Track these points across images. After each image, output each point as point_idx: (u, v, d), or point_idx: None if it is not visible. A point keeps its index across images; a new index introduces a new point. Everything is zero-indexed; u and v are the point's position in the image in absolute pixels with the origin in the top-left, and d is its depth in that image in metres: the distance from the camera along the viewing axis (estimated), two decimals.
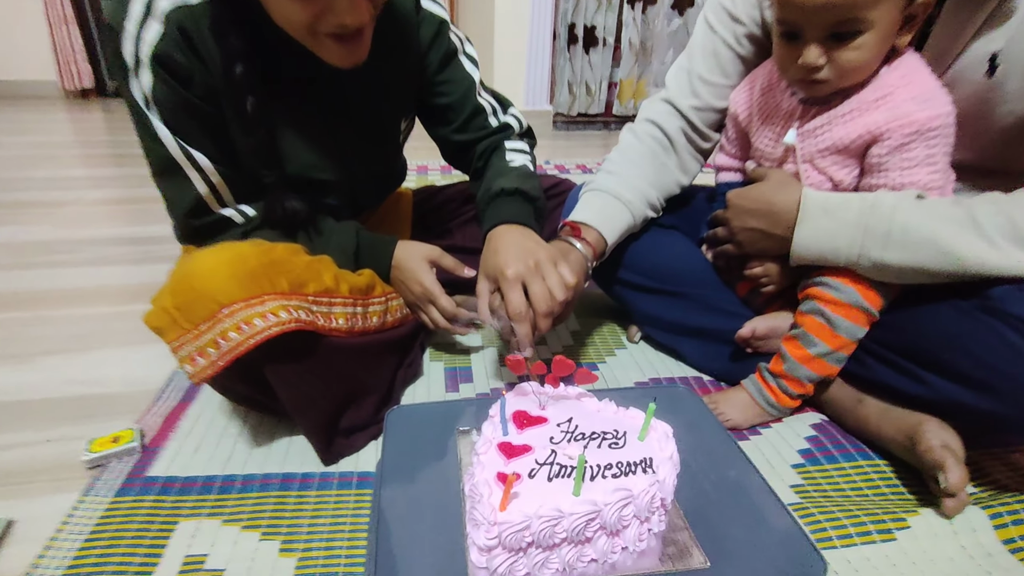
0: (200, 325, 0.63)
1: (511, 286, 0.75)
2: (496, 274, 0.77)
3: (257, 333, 0.63)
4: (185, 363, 0.63)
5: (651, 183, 0.92)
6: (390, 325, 0.87)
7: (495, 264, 0.78)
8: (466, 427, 0.68)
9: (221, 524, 0.65)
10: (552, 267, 0.77)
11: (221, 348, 0.63)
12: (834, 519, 0.67)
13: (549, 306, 0.75)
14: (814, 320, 0.78)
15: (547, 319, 0.76)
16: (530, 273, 0.75)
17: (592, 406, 0.63)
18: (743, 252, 0.85)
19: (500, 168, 0.94)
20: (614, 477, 0.53)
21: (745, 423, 0.82)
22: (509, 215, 0.85)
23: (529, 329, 0.75)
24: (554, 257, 0.78)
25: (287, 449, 0.77)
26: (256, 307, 0.64)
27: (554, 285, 0.76)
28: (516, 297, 0.75)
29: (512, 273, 0.75)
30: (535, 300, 0.75)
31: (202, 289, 0.63)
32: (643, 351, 1.03)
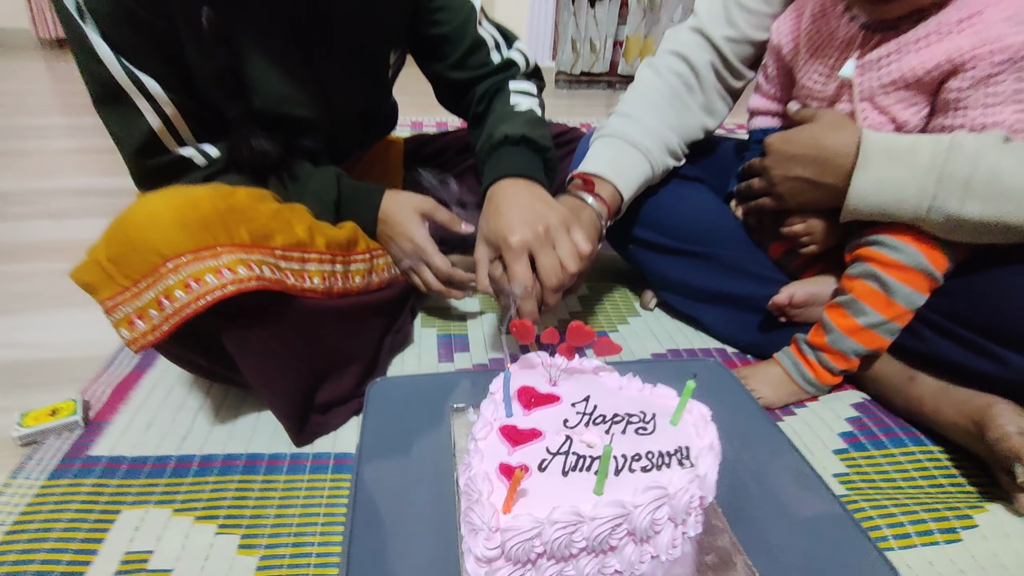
0: (139, 282, 0.52)
1: (516, 256, 0.64)
2: (498, 241, 0.65)
3: (208, 292, 0.52)
4: (121, 327, 0.52)
5: (672, 127, 0.80)
6: (376, 286, 0.76)
7: (497, 228, 0.66)
8: (461, 404, 0.58)
9: (171, 514, 0.55)
10: (565, 234, 0.66)
11: (165, 310, 0.51)
12: (888, 515, 0.57)
13: (560, 280, 0.64)
14: (866, 285, 0.67)
15: (556, 294, 0.65)
16: (539, 241, 0.64)
17: (613, 382, 0.53)
18: (782, 206, 0.74)
19: (504, 113, 0.81)
20: (644, 471, 0.43)
21: (778, 401, 0.73)
22: (514, 167, 0.73)
23: (535, 306, 0.65)
24: (566, 220, 0.66)
25: (254, 425, 0.67)
26: (208, 261, 0.53)
27: (566, 255, 0.64)
28: (521, 269, 0.64)
29: (518, 241, 0.64)
30: (544, 273, 0.64)
31: (140, 238, 0.52)
32: (659, 319, 0.92)
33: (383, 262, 0.79)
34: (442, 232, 0.81)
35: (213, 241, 0.54)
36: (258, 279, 0.54)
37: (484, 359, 0.80)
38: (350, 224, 0.75)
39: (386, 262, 0.79)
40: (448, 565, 0.42)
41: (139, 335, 0.52)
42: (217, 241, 0.54)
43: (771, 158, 0.72)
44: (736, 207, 0.84)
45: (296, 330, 0.61)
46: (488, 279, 0.68)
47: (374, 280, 0.75)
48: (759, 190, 0.75)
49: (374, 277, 0.75)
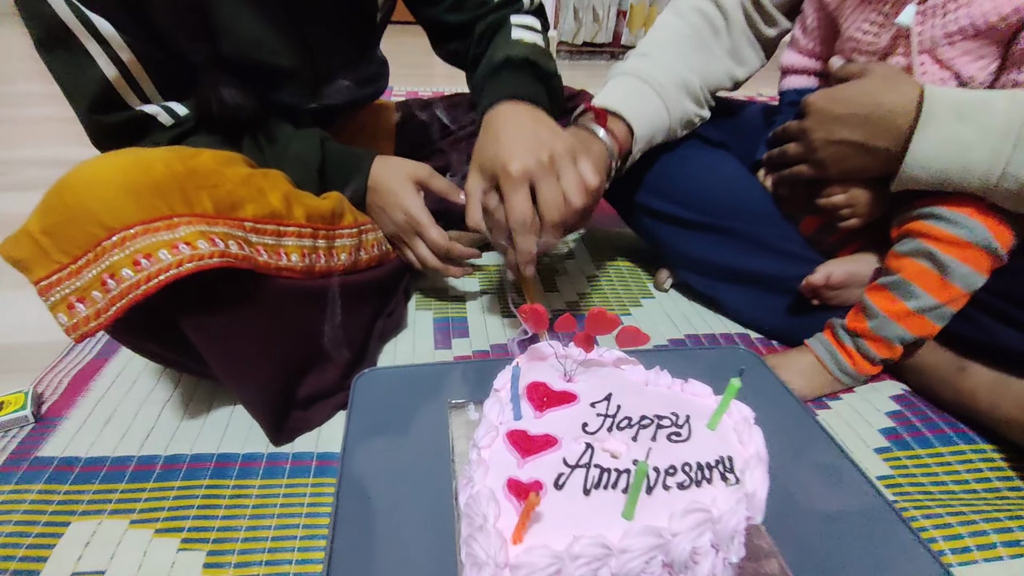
0: (79, 258, 0.44)
1: (515, 186, 0.56)
2: (496, 168, 0.57)
3: (162, 270, 0.44)
4: (58, 311, 0.44)
5: (693, 69, 0.71)
6: (364, 264, 0.68)
7: (495, 154, 0.57)
8: (460, 399, 0.51)
9: (128, 526, 0.48)
10: (571, 163, 0.58)
11: (110, 291, 0.43)
12: (944, 525, 0.51)
13: (563, 215, 0.56)
14: (917, 264, 0.59)
15: (558, 231, 0.57)
16: (541, 170, 0.56)
17: (637, 376, 0.45)
18: (821, 175, 0.66)
19: (505, 42, 0.73)
20: (681, 488, 0.35)
21: (810, 394, 0.65)
22: (516, 90, 0.65)
23: (533, 243, 0.57)
24: (573, 149, 0.58)
25: (227, 421, 0.59)
26: (162, 233, 0.45)
27: (571, 187, 0.57)
28: (520, 201, 0.56)
29: (518, 169, 0.56)
30: (545, 207, 0.56)
31: (80, 206, 0.44)
32: (675, 301, 0.85)
33: (373, 237, 0.70)
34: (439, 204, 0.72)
35: (168, 210, 0.46)
36: (222, 255, 0.46)
37: (485, 345, 0.73)
38: (335, 194, 0.66)
39: (376, 237, 0.71)
40: None
41: (79, 321, 0.44)
42: (173, 210, 0.46)
43: (812, 119, 0.63)
44: (765, 177, 0.76)
45: (271, 315, 0.53)
46: (481, 214, 0.61)
47: (362, 257, 0.67)
48: (795, 156, 0.67)
49: (362, 254, 0.67)
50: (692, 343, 0.75)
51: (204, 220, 0.47)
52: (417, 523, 0.41)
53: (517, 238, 0.57)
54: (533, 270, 0.60)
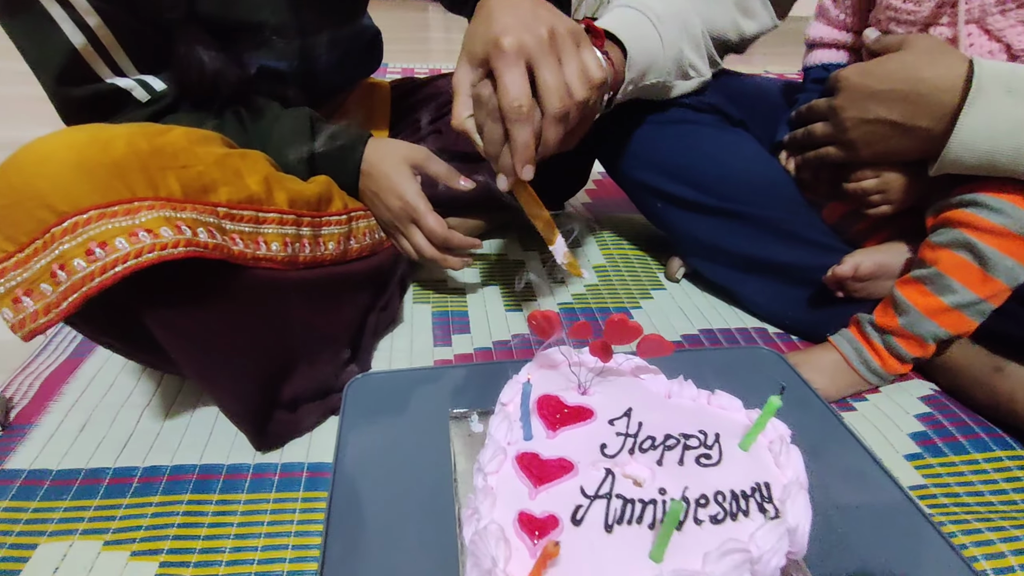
0: (25, 246, 0.39)
1: (509, 63, 0.48)
2: (488, 47, 0.49)
3: (119, 261, 0.39)
4: (3, 305, 0.40)
5: (695, 7, 0.66)
6: (355, 254, 0.63)
7: (486, 32, 0.49)
8: (462, 409, 0.47)
9: (102, 547, 0.44)
10: (574, 47, 0.50)
11: (60, 283, 0.39)
12: (985, 542, 0.47)
13: (564, 103, 0.49)
14: (956, 256, 0.55)
15: (559, 125, 0.50)
16: (540, 48, 0.48)
17: (659, 387, 0.41)
18: (851, 157, 0.61)
19: None
20: (715, 522, 0.31)
21: (835, 394, 0.61)
22: None
23: (531, 135, 0.49)
24: (577, 32, 0.51)
25: (211, 426, 0.55)
26: (120, 219, 0.40)
27: (574, 73, 0.49)
28: (515, 79, 0.48)
29: (512, 43, 0.47)
30: (545, 91, 0.48)
31: (26, 188, 0.39)
32: (688, 293, 0.80)
33: (364, 225, 0.66)
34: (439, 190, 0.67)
35: (128, 193, 0.41)
36: (188, 244, 0.42)
37: (488, 342, 0.68)
38: (322, 177, 0.61)
39: (368, 225, 0.66)
40: None
41: (27, 316, 0.39)
42: (134, 193, 0.41)
43: (844, 96, 0.58)
44: (787, 159, 0.70)
45: (248, 310, 0.49)
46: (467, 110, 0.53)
47: (352, 247, 0.63)
48: (822, 137, 0.62)
49: (352, 243, 0.63)
50: (706, 339, 0.71)
51: (170, 205, 0.43)
52: (416, 553, 0.37)
53: (512, 127, 0.48)
54: (532, 172, 0.51)
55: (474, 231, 0.87)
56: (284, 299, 0.52)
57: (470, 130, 0.54)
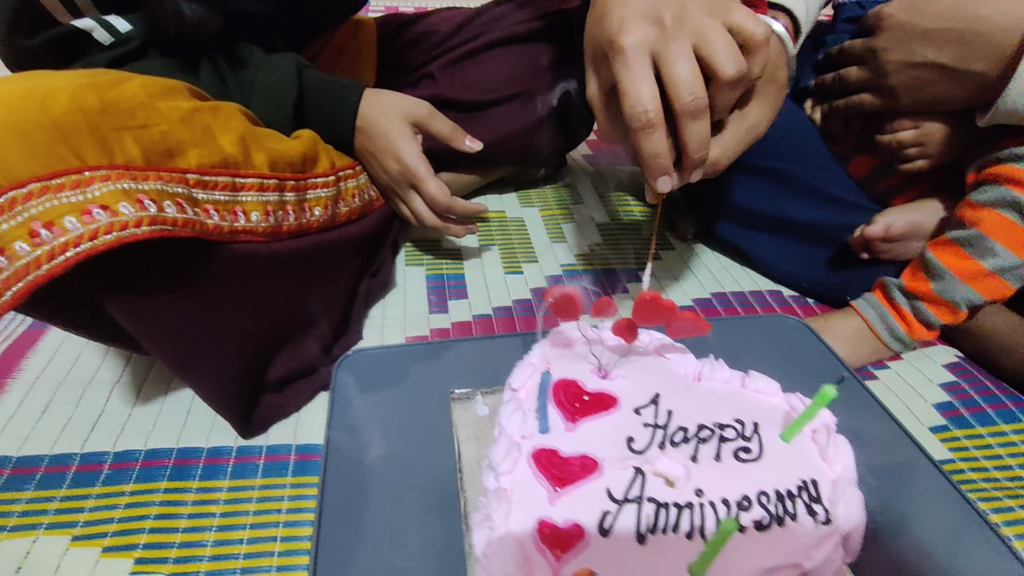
0: None
1: (627, 64, 0.37)
2: (606, 49, 0.38)
3: (70, 245, 0.33)
4: None
5: None
6: (344, 218, 0.57)
7: (604, 33, 0.38)
8: (465, 389, 0.42)
9: (69, 543, 0.40)
10: (708, 15, 0.37)
11: (1, 271, 0.33)
12: (1016, 521, 0.45)
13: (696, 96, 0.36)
14: (1000, 216, 0.50)
15: (695, 122, 0.37)
16: (662, 35, 0.37)
17: (687, 368, 0.37)
18: (889, 106, 0.55)
19: None
20: (760, 529, 0.28)
21: (856, 362, 0.58)
22: None
23: (659, 144, 0.38)
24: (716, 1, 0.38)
25: (188, 406, 0.51)
26: (67, 193, 0.34)
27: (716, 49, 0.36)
28: (634, 83, 0.37)
29: (631, 41, 0.37)
30: (672, 86, 0.37)
31: None
32: (700, 254, 0.75)
33: (354, 185, 0.59)
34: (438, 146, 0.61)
35: (77, 161, 0.35)
36: (154, 222, 0.36)
37: (487, 308, 0.64)
38: (307, 133, 0.55)
39: (357, 184, 0.60)
40: None
41: None
42: (84, 161, 0.35)
43: (886, 36, 0.52)
44: (812, 108, 0.64)
45: (225, 290, 0.43)
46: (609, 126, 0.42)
47: (341, 210, 0.57)
48: (857, 83, 0.56)
49: (341, 206, 0.57)
50: (719, 303, 0.66)
51: (128, 174, 0.36)
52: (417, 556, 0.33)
53: (637, 138, 0.39)
54: (669, 185, 0.41)
55: (468, 187, 0.81)
56: (266, 274, 0.47)
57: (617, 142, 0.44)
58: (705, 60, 0.37)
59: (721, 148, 0.43)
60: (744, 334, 0.50)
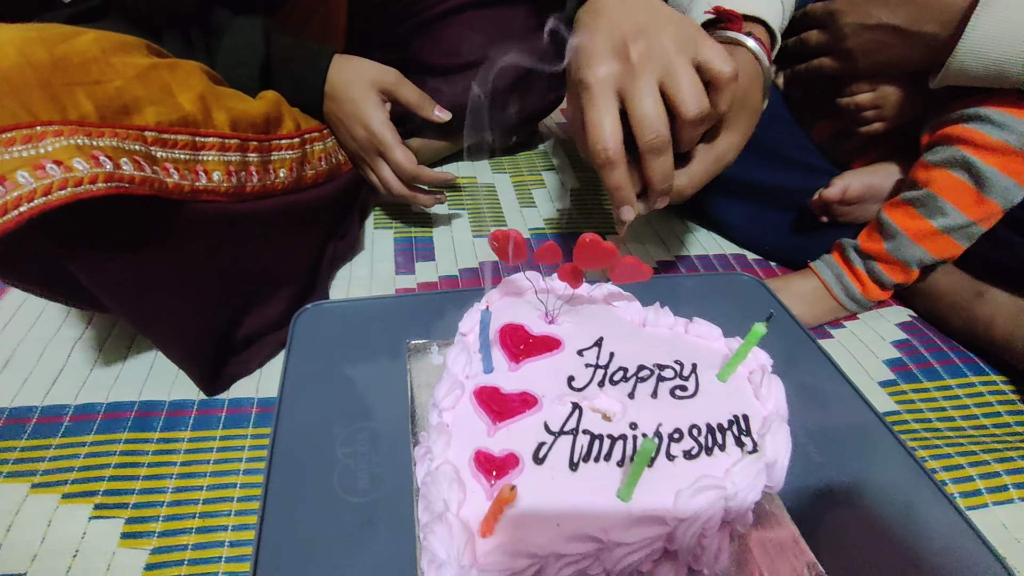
0: None
1: (592, 100, 0.40)
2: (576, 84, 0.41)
3: (23, 200, 0.33)
4: None
5: None
6: (310, 181, 0.57)
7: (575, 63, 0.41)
8: (421, 340, 0.43)
9: (29, 490, 0.41)
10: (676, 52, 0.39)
11: None
12: (954, 466, 0.47)
13: (657, 133, 0.39)
14: (951, 176, 0.51)
15: (657, 157, 0.40)
16: (628, 72, 0.39)
17: (633, 315, 0.38)
18: (846, 69, 0.56)
19: None
20: (689, 457, 0.29)
21: (812, 321, 0.60)
22: None
23: (621, 178, 0.41)
24: (684, 35, 0.40)
25: (151, 363, 0.51)
26: (19, 148, 0.34)
27: (679, 88, 0.39)
28: (596, 120, 0.40)
29: (596, 78, 0.39)
30: (635, 125, 0.39)
31: None
32: (665, 219, 0.76)
33: (320, 148, 0.59)
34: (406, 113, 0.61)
35: (27, 115, 0.34)
36: (110, 179, 0.36)
37: (454, 270, 0.64)
38: (270, 94, 0.54)
39: (324, 148, 0.60)
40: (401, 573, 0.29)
41: None
42: (35, 116, 0.35)
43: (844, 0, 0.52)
44: (776, 73, 0.65)
45: (190, 251, 0.43)
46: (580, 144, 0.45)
47: (307, 173, 0.56)
48: (817, 46, 0.57)
49: (307, 169, 0.56)
50: (684, 266, 0.68)
51: (82, 130, 0.36)
52: (367, 492, 0.34)
53: (599, 172, 0.41)
54: (632, 215, 0.43)
55: (438, 154, 0.81)
56: (231, 235, 0.47)
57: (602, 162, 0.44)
58: (670, 99, 0.39)
59: (687, 178, 0.45)
60: (698, 291, 0.51)
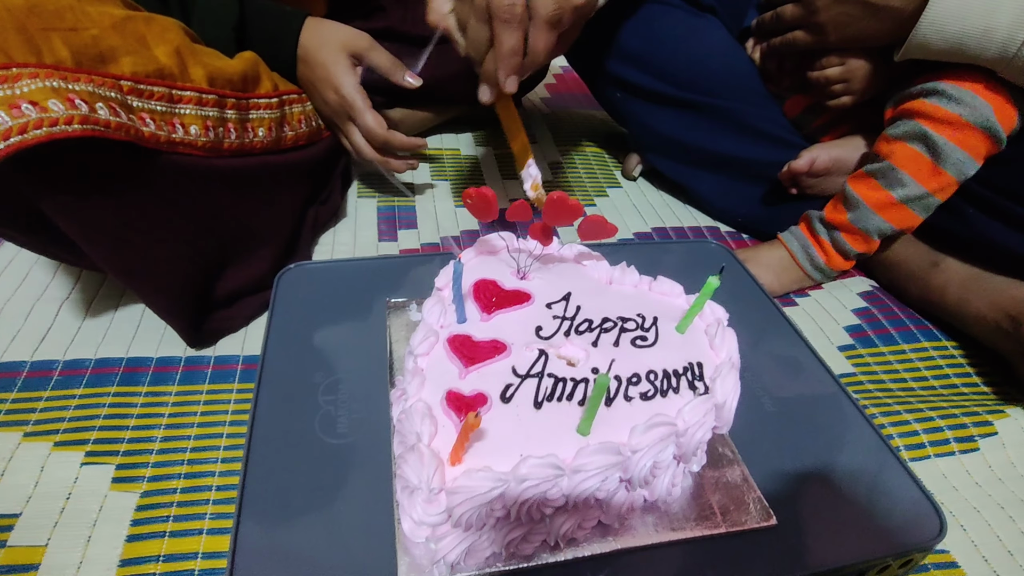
0: None
1: None
2: None
3: (1, 137, 0.34)
4: None
5: None
6: (290, 142, 0.58)
7: None
8: (400, 299, 0.45)
9: (22, 439, 0.43)
10: None
11: None
12: (901, 422, 0.50)
13: (560, 6, 0.43)
14: (909, 149, 0.54)
15: (551, 32, 0.44)
16: None
17: (601, 273, 0.40)
18: (819, 43, 0.58)
19: None
20: (645, 399, 0.31)
21: (779, 289, 0.62)
22: None
23: (519, 42, 0.44)
24: None
25: (138, 321, 0.52)
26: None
27: None
28: None
29: None
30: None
31: None
32: (643, 191, 0.78)
33: (300, 110, 0.60)
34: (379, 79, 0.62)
35: (3, 57, 0.35)
36: (85, 121, 0.37)
37: (435, 237, 0.66)
38: (248, 54, 0.55)
39: (304, 111, 0.61)
40: (378, 515, 0.31)
41: None
42: (10, 57, 0.35)
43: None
44: (753, 48, 0.67)
45: (167, 200, 0.44)
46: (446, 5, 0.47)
47: (287, 134, 0.57)
48: (791, 20, 0.58)
49: (287, 130, 0.57)
50: (658, 236, 0.70)
51: (58, 74, 0.37)
52: (347, 435, 0.36)
53: (500, 30, 0.43)
54: (516, 85, 0.47)
55: (422, 125, 0.81)
56: (209, 189, 0.48)
57: (451, 28, 0.48)
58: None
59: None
60: (667, 257, 0.53)
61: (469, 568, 0.29)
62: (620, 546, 0.31)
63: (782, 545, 0.33)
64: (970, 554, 0.42)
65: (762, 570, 0.32)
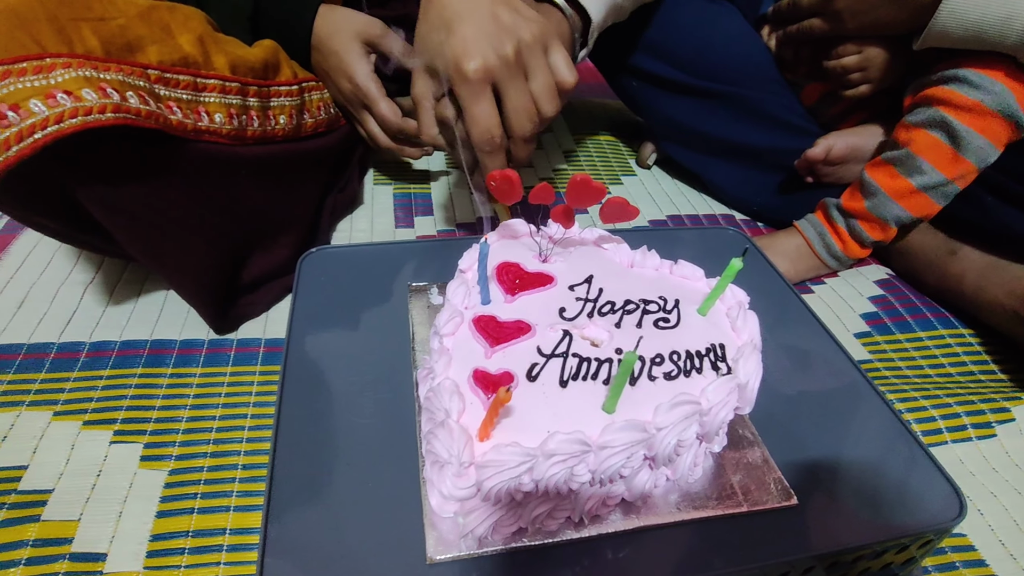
0: None
1: (475, 93, 0.43)
2: (448, 68, 0.44)
3: (37, 127, 0.35)
4: None
5: None
6: (309, 129, 0.59)
7: (444, 49, 0.44)
8: (421, 282, 0.45)
9: (52, 418, 0.43)
10: (541, 57, 0.45)
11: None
12: (918, 408, 0.50)
13: (533, 124, 0.46)
14: (929, 136, 0.54)
15: (529, 145, 0.47)
16: (507, 70, 0.44)
17: (622, 257, 0.40)
18: (837, 30, 0.57)
19: None
20: (668, 379, 0.32)
21: (795, 277, 0.62)
22: None
23: (503, 161, 0.47)
24: (543, 35, 0.45)
25: (161, 305, 0.53)
26: (30, 78, 0.35)
27: (543, 91, 0.45)
28: (483, 113, 0.44)
29: (477, 69, 0.43)
30: (515, 117, 0.45)
31: None
32: (658, 179, 0.78)
33: (318, 97, 0.60)
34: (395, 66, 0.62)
35: (36, 47, 0.36)
36: (117, 110, 0.37)
37: (452, 224, 0.66)
38: (268, 42, 0.55)
39: (322, 97, 0.61)
40: (406, 491, 0.32)
41: None
42: (44, 48, 0.36)
43: None
44: (769, 35, 0.66)
45: (194, 186, 0.45)
46: (435, 127, 0.49)
47: (307, 121, 0.58)
48: (808, 7, 0.58)
49: (306, 117, 0.58)
50: (674, 224, 0.70)
51: (90, 63, 0.37)
52: (372, 415, 0.37)
53: (484, 158, 0.46)
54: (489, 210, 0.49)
55: None
56: (233, 176, 0.48)
57: (441, 144, 0.51)
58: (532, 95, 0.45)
59: None
60: (685, 244, 0.53)
61: (495, 543, 0.30)
62: (643, 523, 0.32)
63: (802, 525, 0.33)
64: (987, 537, 0.42)
65: (783, 549, 0.32)
